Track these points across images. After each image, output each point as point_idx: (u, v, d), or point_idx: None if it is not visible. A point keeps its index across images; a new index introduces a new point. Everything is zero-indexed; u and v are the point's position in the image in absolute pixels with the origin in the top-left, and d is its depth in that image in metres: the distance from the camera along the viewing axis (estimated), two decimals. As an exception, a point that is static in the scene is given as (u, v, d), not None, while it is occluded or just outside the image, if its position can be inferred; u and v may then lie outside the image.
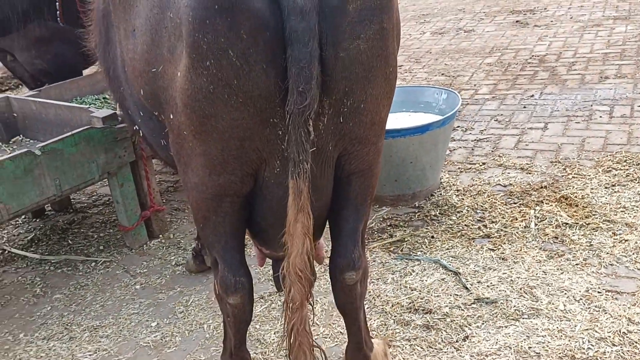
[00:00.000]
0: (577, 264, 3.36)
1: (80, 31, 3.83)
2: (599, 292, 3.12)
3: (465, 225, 3.87)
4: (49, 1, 3.69)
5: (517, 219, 3.85)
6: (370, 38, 1.87)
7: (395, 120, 4.31)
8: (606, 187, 4.07)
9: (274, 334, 3.14)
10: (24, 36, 4.45)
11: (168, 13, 1.85)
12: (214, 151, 1.94)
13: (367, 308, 3.17)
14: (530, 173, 4.43)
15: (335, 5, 1.78)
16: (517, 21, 8.36)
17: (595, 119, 5.16)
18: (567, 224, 3.72)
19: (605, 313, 2.97)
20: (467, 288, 3.29)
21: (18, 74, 5.35)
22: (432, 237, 3.80)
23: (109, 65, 2.62)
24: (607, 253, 3.41)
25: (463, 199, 4.19)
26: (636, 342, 2.77)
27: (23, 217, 4.64)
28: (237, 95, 1.80)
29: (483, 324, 3.02)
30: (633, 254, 3.38)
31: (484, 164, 4.68)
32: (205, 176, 2.01)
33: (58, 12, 3.72)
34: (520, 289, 3.23)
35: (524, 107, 5.64)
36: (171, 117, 2.00)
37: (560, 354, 2.76)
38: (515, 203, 4.05)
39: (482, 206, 4.06)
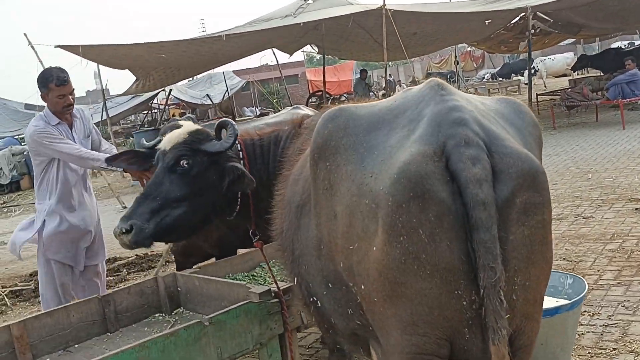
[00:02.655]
0: None
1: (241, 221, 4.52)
2: None
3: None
4: (230, 202, 4.39)
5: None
6: (533, 226, 2.27)
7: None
8: None
9: None
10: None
11: (364, 200, 2.34)
12: (404, 314, 2.29)
13: None
14: (664, 360, 4.42)
15: (505, 198, 2.22)
16: (636, 209, 8.48)
17: None
18: None
19: None
20: None
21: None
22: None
23: (296, 246, 3.09)
24: None
25: (596, 385, 4.22)
26: None
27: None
28: (425, 267, 2.20)
29: None
30: None
31: (614, 349, 4.71)
32: (398, 336, 2.35)
33: (235, 212, 4.41)
34: None
35: (652, 294, 5.67)
36: (362, 287, 2.41)
37: None
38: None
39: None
